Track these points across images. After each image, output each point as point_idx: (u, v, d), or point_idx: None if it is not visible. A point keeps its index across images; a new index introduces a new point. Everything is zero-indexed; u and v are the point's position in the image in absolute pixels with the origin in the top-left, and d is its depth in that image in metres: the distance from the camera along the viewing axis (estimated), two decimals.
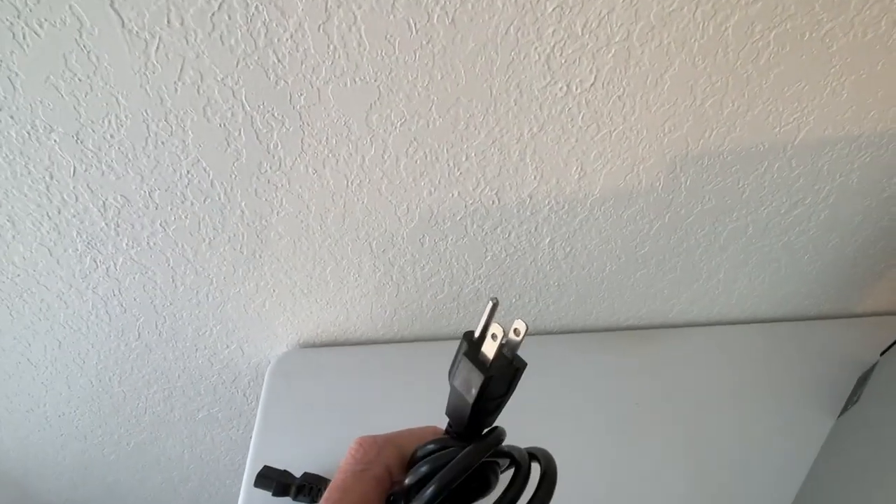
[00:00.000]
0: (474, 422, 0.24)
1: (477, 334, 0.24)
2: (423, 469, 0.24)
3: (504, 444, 0.26)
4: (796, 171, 0.49)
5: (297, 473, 0.47)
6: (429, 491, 0.23)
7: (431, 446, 0.25)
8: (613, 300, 0.60)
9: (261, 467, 0.47)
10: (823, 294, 0.63)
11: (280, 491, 0.46)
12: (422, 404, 0.54)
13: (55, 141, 0.41)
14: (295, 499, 0.46)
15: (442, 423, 0.27)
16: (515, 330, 0.23)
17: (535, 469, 0.25)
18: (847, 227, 0.55)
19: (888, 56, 0.41)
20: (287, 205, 0.47)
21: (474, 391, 0.23)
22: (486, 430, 0.25)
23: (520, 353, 0.24)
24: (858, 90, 0.44)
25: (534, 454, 0.26)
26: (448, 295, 0.58)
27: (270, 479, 0.46)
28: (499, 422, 0.26)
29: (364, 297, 0.57)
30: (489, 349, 0.23)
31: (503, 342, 0.23)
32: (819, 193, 0.52)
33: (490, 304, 0.23)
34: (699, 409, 0.55)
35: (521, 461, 0.25)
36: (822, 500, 0.46)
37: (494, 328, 0.23)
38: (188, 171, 0.44)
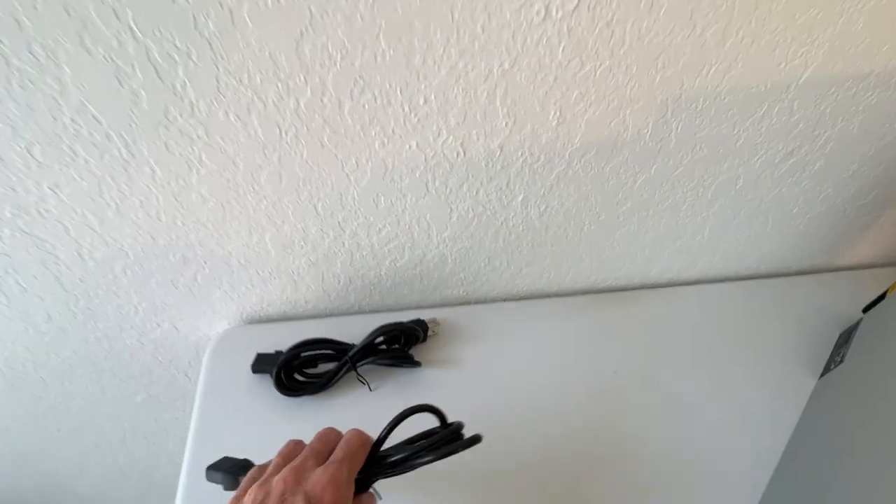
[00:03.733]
0: None
1: None
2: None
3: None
4: (797, 114, 0.44)
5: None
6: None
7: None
8: (591, 261, 0.55)
9: (200, 458, 0.41)
10: (806, 249, 0.60)
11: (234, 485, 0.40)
12: (381, 379, 0.49)
13: None
14: None
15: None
16: None
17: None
18: (841, 177, 0.51)
19: None
20: (208, 161, 0.39)
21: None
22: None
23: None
24: (876, 19, 0.38)
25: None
26: (409, 261, 0.51)
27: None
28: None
29: (313, 267, 0.50)
30: None
31: None
32: (817, 140, 0.47)
33: None
34: (679, 373, 0.52)
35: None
36: (807, 463, 0.44)
37: None
38: (73, 120, 0.35)
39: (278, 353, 0.49)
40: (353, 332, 0.50)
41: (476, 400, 0.50)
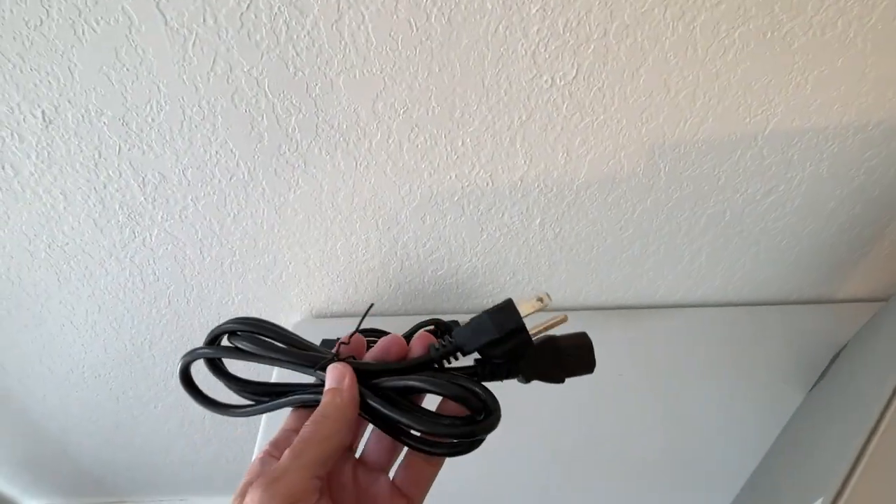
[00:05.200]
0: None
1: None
2: None
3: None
4: (768, 159, 0.53)
5: None
6: None
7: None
8: (601, 280, 0.65)
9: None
10: (804, 279, 0.67)
11: None
12: None
13: (104, 123, 0.47)
14: None
15: None
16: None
17: None
18: (821, 214, 0.59)
19: (846, 53, 0.45)
20: (303, 184, 0.53)
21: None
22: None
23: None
24: (821, 85, 0.48)
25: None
26: (448, 271, 0.63)
27: None
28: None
29: (371, 272, 0.62)
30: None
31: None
32: (791, 181, 0.56)
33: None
34: (679, 382, 0.60)
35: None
36: (781, 459, 0.51)
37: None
38: (217, 152, 0.50)
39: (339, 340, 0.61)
40: (400, 331, 0.62)
41: (496, 392, 0.59)
